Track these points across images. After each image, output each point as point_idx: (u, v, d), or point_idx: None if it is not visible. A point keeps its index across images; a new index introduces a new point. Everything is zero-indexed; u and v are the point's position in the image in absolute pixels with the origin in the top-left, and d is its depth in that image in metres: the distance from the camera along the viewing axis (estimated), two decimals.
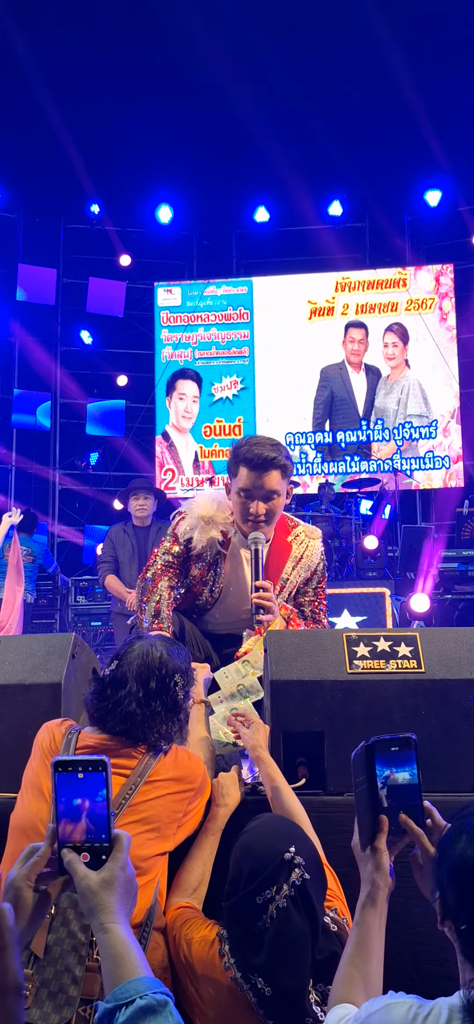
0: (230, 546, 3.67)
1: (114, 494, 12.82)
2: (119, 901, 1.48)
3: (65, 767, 1.57)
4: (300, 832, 2.12)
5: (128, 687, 2.33)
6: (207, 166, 12.34)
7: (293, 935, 1.90)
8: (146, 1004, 1.30)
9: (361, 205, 13.86)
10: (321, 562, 3.73)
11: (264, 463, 3.41)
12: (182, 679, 2.39)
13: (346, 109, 11.49)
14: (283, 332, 13.53)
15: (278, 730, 2.79)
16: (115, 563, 7.65)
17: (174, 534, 3.73)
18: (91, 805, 1.55)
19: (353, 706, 2.76)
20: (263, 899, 1.92)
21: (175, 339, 13.65)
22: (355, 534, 10.21)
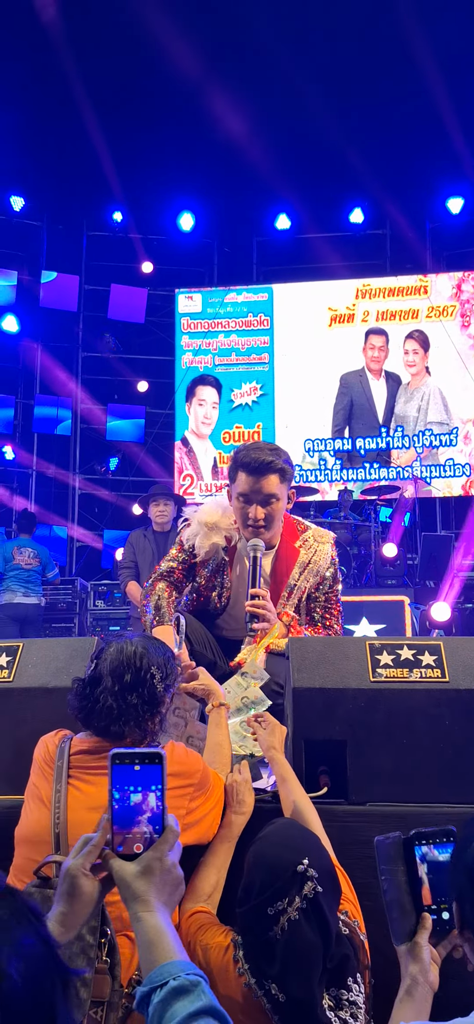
0: (236, 553, 3.67)
1: (133, 499, 12.84)
2: (155, 890, 1.49)
3: (122, 759, 1.57)
4: (315, 842, 2.10)
5: (103, 683, 2.32)
6: (228, 173, 12.35)
7: (304, 947, 1.89)
8: (179, 985, 1.33)
9: (382, 212, 13.84)
10: (332, 567, 3.66)
11: (261, 467, 3.40)
12: (160, 672, 2.35)
13: (368, 116, 11.48)
14: (303, 339, 13.51)
15: (300, 738, 2.78)
16: (135, 568, 7.67)
17: (179, 541, 3.76)
18: (146, 797, 1.56)
19: (376, 715, 2.75)
20: (275, 910, 1.91)
21: (195, 345, 13.66)
22: (374, 541, 10.17)
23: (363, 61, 10.80)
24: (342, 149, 11.62)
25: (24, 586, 9.52)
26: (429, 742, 2.72)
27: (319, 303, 13.58)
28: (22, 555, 9.58)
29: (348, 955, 1.99)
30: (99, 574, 12.44)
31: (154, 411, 13.93)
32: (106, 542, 13.29)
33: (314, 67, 10.64)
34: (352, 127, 11.41)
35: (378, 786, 2.71)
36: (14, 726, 2.87)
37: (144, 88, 10.96)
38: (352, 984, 1.96)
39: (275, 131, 11.56)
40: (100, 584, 11.06)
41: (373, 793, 2.71)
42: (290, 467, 3.52)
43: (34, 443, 14.07)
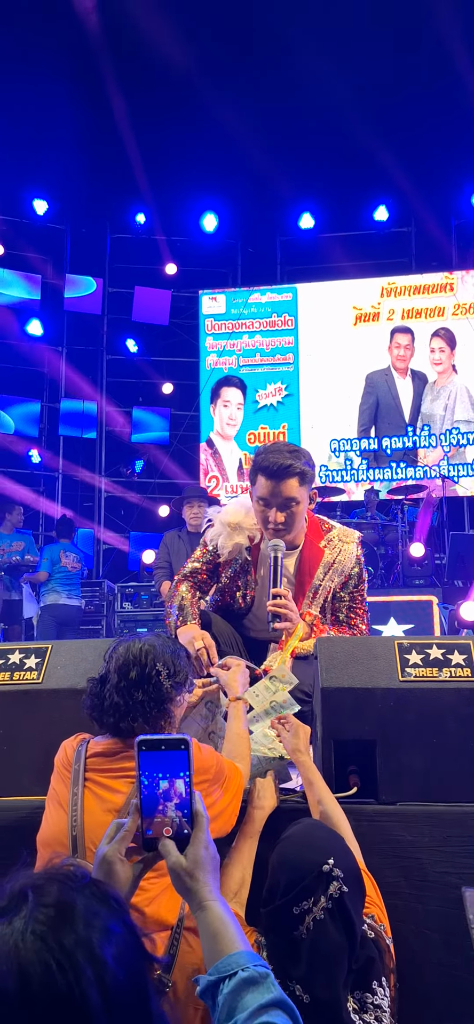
0: (259, 552, 3.66)
1: (159, 501, 12.89)
2: (212, 877, 1.53)
3: (148, 746, 1.59)
4: (340, 843, 2.10)
5: (111, 681, 2.35)
6: (251, 174, 12.34)
7: (329, 947, 1.88)
8: (248, 976, 1.34)
9: (407, 209, 13.77)
10: (357, 566, 3.63)
11: (280, 471, 3.37)
12: (166, 668, 2.35)
13: (392, 114, 11.42)
14: (328, 338, 13.48)
15: (329, 738, 2.78)
16: (170, 568, 7.71)
17: (203, 541, 3.76)
18: (173, 782, 1.58)
19: (405, 714, 2.73)
20: (300, 910, 1.91)
21: (220, 346, 13.67)
22: (401, 541, 10.11)
23: (387, 58, 10.76)
24: (366, 147, 11.57)
25: (68, 588, 9.69)
26: (459, 741, 2.71)
27: (344, 302, 13.55)
28: (68, 558, 9.75)
29: (373, 958, 1.98)
30: (126, 576, 12.46)
31: (179, 413, 13.96)
32: (132, 544, 13.32)
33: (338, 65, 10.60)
34: (376, 125, 11.35)
35: (408, 786, 2.70)
36: (43, 727, 2.88)
37: (167, 90, 10.98)
38: (377, 987, 1.95)
39: (298, 130, 11.55)
40: (127, 586, 11.08)
41: (403, 793, 2.70)
42: (310, 469, 3.48)
43: (60, 446, 14.15)
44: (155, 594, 10.25)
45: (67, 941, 1.02)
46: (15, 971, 0.99)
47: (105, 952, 1.04)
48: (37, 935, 1.02)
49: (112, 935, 1.07)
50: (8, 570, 9.75)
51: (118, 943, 1.07)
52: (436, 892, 2.54)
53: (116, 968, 1.03)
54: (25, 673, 3.04)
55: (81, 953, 1.02)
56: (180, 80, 10.78)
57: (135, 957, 1.10)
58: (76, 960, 1.01)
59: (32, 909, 1.05)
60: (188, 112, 11.32)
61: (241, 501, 3.77)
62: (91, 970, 1.01)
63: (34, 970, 0.99)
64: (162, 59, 10.43)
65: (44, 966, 0.99)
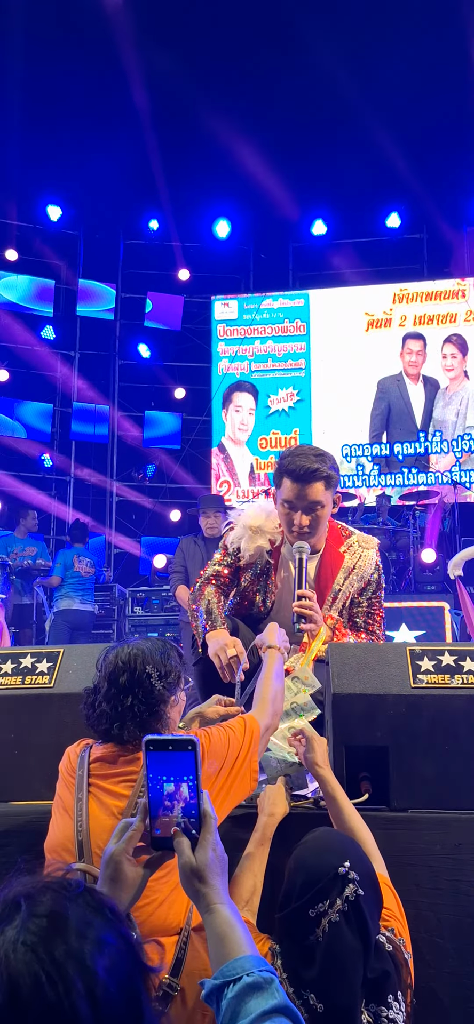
0: (280, 556, 3.65)
1: (170, 506, 12.91)
2: (221, 879, 1.52)
3: (156, 746, 1.58)
4: (356, 848, 2.09)
5: (101, 689, 2.34)
6: (264, 180, 12.35)
7: (345, 951, 1.87)
8: (253, 981, 1.33)
9: (419, 216, 13.77)
10: (376, 572, 3.63)
11: (306, 474, 3.36)
12: (157, 671, 2.32)
13: (404, 121, 11.42)
14: (340, 344, 13.48)
15: (341, 744, 2.77)
16: (185, 573, 7.73)
17: (224, 545, 3.73)
18: (181, 783, 1.57)
19: (417, 721, 2.72)
20: (316, 912, 1.90)
21: (232, 352, 13.68)
22: (413, 547, 10.10)
23: (400, 65, 10.75)
24: (379, 154, 11.58)
25: (81, 593, 9.70)
26: (471, 748, 2.70)
27: (356, 308, 13.55)
28: (82, 563, 9.76)
29: (389, 972, 1.96)
30: (137, 580, 12.48)
31: (191, 418, 13.99)
32: (144, 549, 13.34)
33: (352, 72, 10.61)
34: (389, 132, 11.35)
35: (420, 792, 2.69)
36: (55, 731, 2.88)
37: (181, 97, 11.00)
38: (392, 1001, 1.93)
39: (311, 137, 11.56)
40: (138, 591, 11.09)
41: (415, 800, 2.69)
42: (336, 473, 3.47)
43: (72, 450, 14.19)
44: (166, 598, 10.26)
45: (58, 953, 1.01)
46: (5, 982, 0.98)
47: (97, 964, 1.03)
48: (28, 946, 1.01)
49: (105, 946, 1.06)
50: (20, 574, 9.78)
51: (111, 954, 1.06)
52: (448, 900, 2.53)
53: (108, 980, 1.03)
54: (37, 677, 3.05)
55: (72, 965, 1.01)
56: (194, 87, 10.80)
57: (129, 968, 1.08)
58: (66, 972, 1.00)
59: (24, 919, 1.04)
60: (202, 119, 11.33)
61: (262, 504, 3.75)
62: (81, 982, 1.00)
63: (24, 981, 0.98)
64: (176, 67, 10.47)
65: (34, 978, 0.98)
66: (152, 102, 11.04)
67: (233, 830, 2.52)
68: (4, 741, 2.95)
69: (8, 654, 3.16)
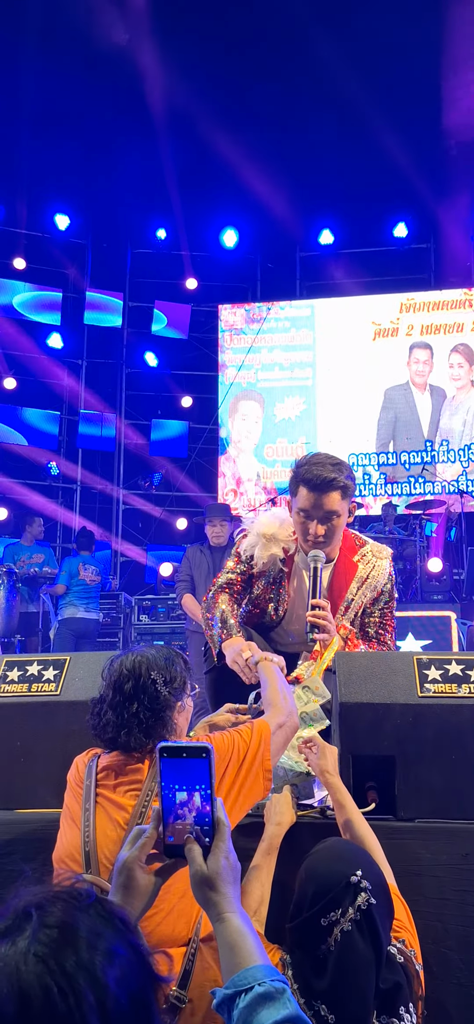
0: (293, 564, 3.63)
1: (177, 514, 12.90)
2: (232, 888, 1.51)
3: (170, 753, 1.58)
4: (367, 857, 2.08)
5: (106, 697, 2.35)
6: (272, 189, 12.37)
7: (357, 960, 1.86)
8: (264, 991, 1.32)
9: (426, 226, 13.77)
10: (389, 582, 3.62)
11: (323, 484, 3.35)
12: (162, 676, 2.34)
13: (412, 130, 11.42)
14: (346, 353, 13.48)
15: (347, 753, 2.76)
16: (191, 582, 7.73)
17: (236, 552, 3.71)
18: (194, 791, 1.56)
19: (424, 730, 2.72)
20: (328, 921, 1.89)
21: (238, 360, 13.69)
22: (419, 556, 10.09)
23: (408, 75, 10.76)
24: (386, 164, 11.59)
25: (86, 602, 9.69)
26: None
27: (362, 317, 13.55)
28: (87, 572, 9.76)
29: (401, 983, 1.96)
30: (143, 589, 12.47)
31: (197, 426, 13.98)
32: (150, 557, 13.33)
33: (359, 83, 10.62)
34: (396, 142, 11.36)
35: (427, 802, 2.68)
36: (62, 739, 2.88)
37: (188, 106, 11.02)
38: (404, 1013, 1.92)
39: (318, 146, 11.57)
40: (144, 599, 11.08)
41: (422, 809, 2.68)
42: (352, 482, 3.47)
43: (79, 458, 14.19)
44: (172, 607, 10.26)
45: (69, 964, 1.01)
46: (16, 994, 0.98)
47: (107, 976, 1.02)
48: (39, 957, 1.01)
49: (115, 957, 1.05)
50: (26, 581, 9.78)
51: (122, 965, 1.05)
52: (455, 910, 2.52)
53: (118, 992, 1.02)
54: (43, 685, 3.05)
55: (82, 977, 1.01)
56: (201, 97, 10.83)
57: (139, 980, 1.08)
58: (77, 984, 1.00)
59: (35, 929, 1.04)
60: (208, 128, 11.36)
61: (275, 512, 3.75)
62: (92, 995, 1.00)
63: (35, 993, 0.98)
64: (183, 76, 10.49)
65: (45, 990, 0.98)
66: (160, 112, 11.06)
67: (240, 839, 2.50)
68: (10, 749, 2.96)
69: (15, 661, 3.17)
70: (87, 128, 11.26)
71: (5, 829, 2.77)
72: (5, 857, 2.70)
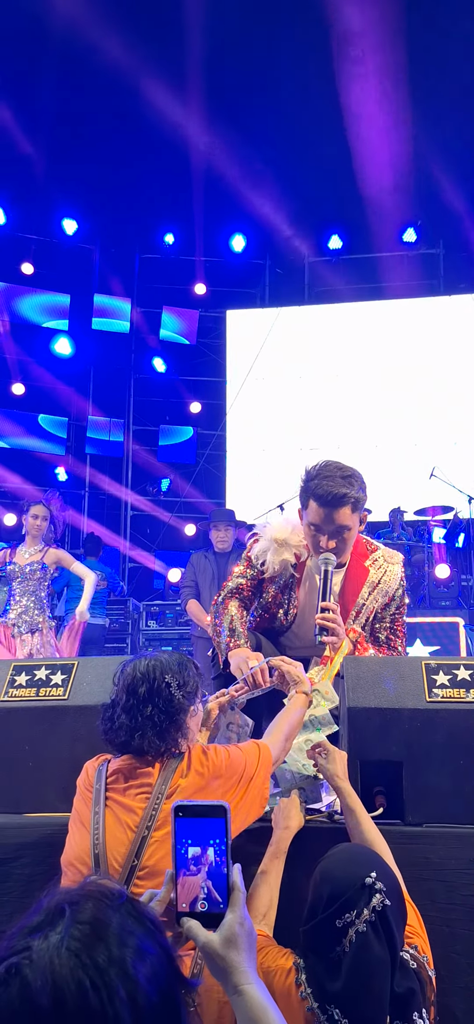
0: (304, 570, 3.63)
1: (185, 520, 12.90)
2: (247, 957, 1.45)
3: (185, 812, 1.52)
4: (381, 860, 2.09)
5: (120, 702, 2.36)
6: (280, 194, 12.39)
7: (372, 961, 1.87)
8: None
9: (435, 231, 13.76)
10: (400, 588, 3.62)
11: (334, 500, 3.31)
12: (176, 680, 2.36)
13: (421, 135, 11.44)
14: (355, 358, 13.47)
15: (355, 758, 2.76)
16: (196, 588, 7.74)
17: (247, 557, 3.70)
18: (208, 846, 1.51)
19: (433, 735, 2.72)
20: (343, 923, 1.89)
21: (247, 366, 13.67)
22: (427, 562, 10.07)
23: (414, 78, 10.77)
24: (394, 169, 11.60)
25: (92, 607, 9.61)
26: None
27: (371, 323, 13.54)
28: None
29: (414, 989, 1.96)
30: (151, 594, 12.48)
31: (205, 432, 13.98)
32: (158, 563, 13.33)
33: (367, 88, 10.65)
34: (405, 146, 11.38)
35: (435, 807, 2.68)
36: (69, 743, 2.89)
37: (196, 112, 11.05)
38: (417, 1019, 1.92)
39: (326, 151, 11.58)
40: (152, 604, 11.09)
41: (430, 814, 2.68)
42: (364, 494, 3.42)
43: (87, 464, 14.21)
44: (180, 612, 10.26)
45: (101, 959, 1.02)
46: (49, 987, 0.99)
47: (138, 972, 1.04)
48: (72, 951, 1.02)
49: (146, 955, 1.07)
50: None
51: (152, 963, 1.07)
52: (463, 914, 2.51)
53: (149, 988, 1.03)
54: (51, 689, 3.06)
55: (115, 972, 1.02)
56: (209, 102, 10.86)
57: (168, 978, 1.09)
58: (110, 979, 1.01)
59: (68, 925, 1.05)
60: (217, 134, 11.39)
61: (287, 518, 3.75)
62: (124, 990, 1.01)
63: (68, 987, 0.99)
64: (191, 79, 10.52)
65: (78, 984, 1.00)
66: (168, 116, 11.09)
67: (247, 844, 2.52)
68: (19, 753, 2.96)
69: (23, 666, 3.18)
70: (95, 133, 11.29)
71: (14, 833, 2.78)
72: (14, 861, 2.70)
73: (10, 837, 2.76)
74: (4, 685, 3.09)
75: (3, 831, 2.79)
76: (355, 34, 10.31)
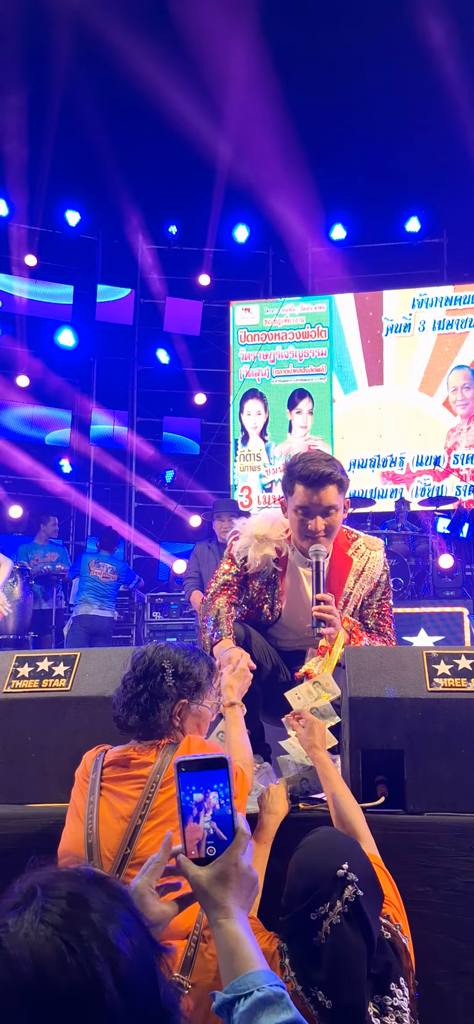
0: (287, 564, 3.64)
1: (190, 512, 12.90)
2: (232, 895, 1.49)
3: (187, 766, 1.57)
4: (355, 848, 2.11)
5: (126, 680, 2.44)
6: (283, 184, 12.35)
7: (348, 951, 1.89)
8: (264, 996, 1.33)
9: (439, 220, 13.72)
10: (384, 573, 3.66)
11: (321, 479, 3.37)
12: (173, 668, 2.40)
13: (423, 124, 11.40)
14: (359, 349, 13.44)
15: (357, 747, 2.77)
16: (200, 579, 7.77)
17: (230, 555, 3.71)
18: (208, 797, 1.55)
19: (434, 724, 2.73)
20: (317, 915, 1.92)
21: (252, 357, 13.66)
22: (432, 552, 10.07)
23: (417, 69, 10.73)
24: (398, 158, 11.57)
25: (100, 599, 9.65)
26: None
27: (375, 313, 13.51)
28: (99, 568, 9.73)
29: (390, 961, 1.99)
30: (156, 586, 12.49)
31: (209, 424, 13.97)
32: (163, 554, 13.34)
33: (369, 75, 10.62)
34: (407, 135, 11.35)
35: (436, 796, 2.69)
36: (72, 734, 2.90)
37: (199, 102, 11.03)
38: (396, 989, 1.96)
39: (329, 140, 11.55)
40: (157, 596, 11.10)
41: (431, 803, 2.69)
42: (346, 477, 3.50)
43: (91, 456, 14.21)
44: (185, 604, 10.28)
45: (77, 926, 1.06)
46: (28, 958, 1.02)
47: (117, 939, 1.07)
48: (47, 923, 1.05)
49: (120, 920, 1.10)
50: (39, 579, 9.81)
51: (128, 931, 1.10)
52: (464, 902, 2.53)
53: (129, 955, 1.07)
54: (54, 681, 3.07)
55: (93, 940, 1.05)
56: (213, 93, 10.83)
57: (145, 946, 1.13)
58: (89, 946, 1.04)
59: (42, 901, 1.08)
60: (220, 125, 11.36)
61: (266, 513, 3.78)
62: (104, 956, 1.04)
63: (46, 955, 1.02)
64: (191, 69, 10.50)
65: (56, 951, 1.02)
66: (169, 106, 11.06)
67: None
68: (21, 744, 2.98)
69: (25, 657, 3.19)
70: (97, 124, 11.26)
71: (17, 823, 2.79)
72: (17, 851, 2.71)
73: (14, 827, 2.78)
74: (7, 676, 3.10)
75: (6, 822, 2.80)
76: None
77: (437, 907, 2.48)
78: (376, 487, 13.04)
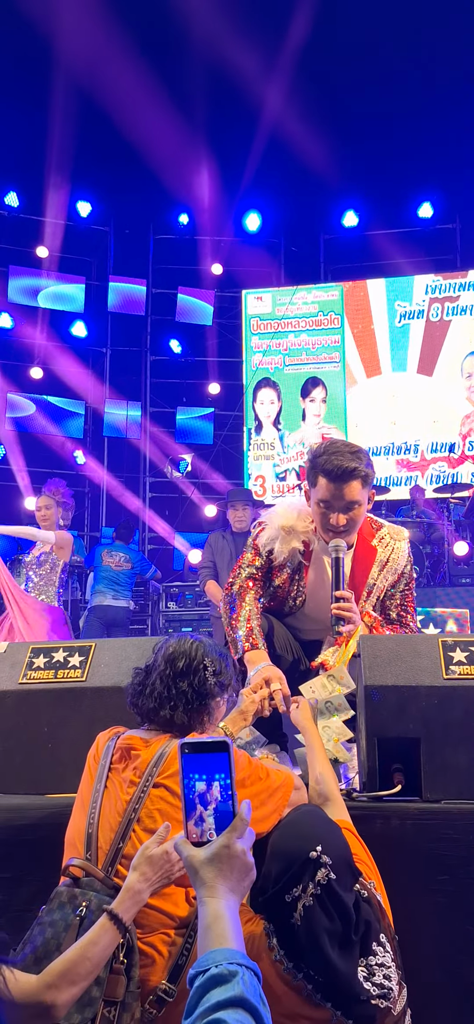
0: (313, 555, 3.59)
1: (203, 501, 12.90)
2: (221, 876, 1.52)
3: (191, 748, 1.59)
4: (331, 829, 2.13)
5: (157, 669, 2.40)
6: (294, 172, 12.31)
7: (323, 932, 1.93)
8: (217, 973, 1.35)
9: (451, 206, 13.65)
10: (408, 564, 3.60)
11: (344, 474, 3.27)
12: (213, 666, 2.40)
13: (435, 110, 11.34)
14: (373, 336, 13.41)
15: (373, 736, 2.76)
16: (214, 568, 7.77)
17: (255, 546, 3.64)
18: (211, 785, 1.57)
19: (450, 712, 2.71)
20: (291, 897, 1.96)
21: (265, 346, 13.65)
22: (447, 540, 10.05)
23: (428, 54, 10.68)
24: (410, 144, 11.51)
25: (114, 589, 9.61)
26: None
27: (388, 300, 13.47)
28: (112, 558, 9.68)
29: (369, 921, 2.02)
30: (171, 576, 12.50)
31: (223, 413, 13.96)
32: (177, 544, 13.35)
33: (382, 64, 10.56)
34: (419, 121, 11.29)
35: (452, 784, 2.68)
36: (87, 725, 2.90)
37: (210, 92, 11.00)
38: (377, 948, 2.00)
39: (341, 127, 11.50)
40: (172, 586, 11.11)
41: (447, 791, 2.68)
42: (372, 470, 3.39)
43: (105, 447, 14.23)
44: (200, 594, 10.29)
45: None
46: None
47: None
48: None
49: None
50: None
51: None
52: None
53: None
54: (69, 671, 3.07)
55: None
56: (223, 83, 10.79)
57: None
58: None
59: None
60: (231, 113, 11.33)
61: (291, 503, 3.69)
62: None
63: None
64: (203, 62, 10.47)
65: None
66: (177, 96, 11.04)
67: None
68: (37, 735, 2.98)
69: (41, 648, 3.19)
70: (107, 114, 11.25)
71: (33, 814, 2.80)
72: (35, 842, 2.72)
73: (30, 818, 2.78)
74: (23, 667, 3.10)
75: (24, 812, 2.81)
76: None
77: (453, 895, 2.47)
78: (391, 475, 13.02)
